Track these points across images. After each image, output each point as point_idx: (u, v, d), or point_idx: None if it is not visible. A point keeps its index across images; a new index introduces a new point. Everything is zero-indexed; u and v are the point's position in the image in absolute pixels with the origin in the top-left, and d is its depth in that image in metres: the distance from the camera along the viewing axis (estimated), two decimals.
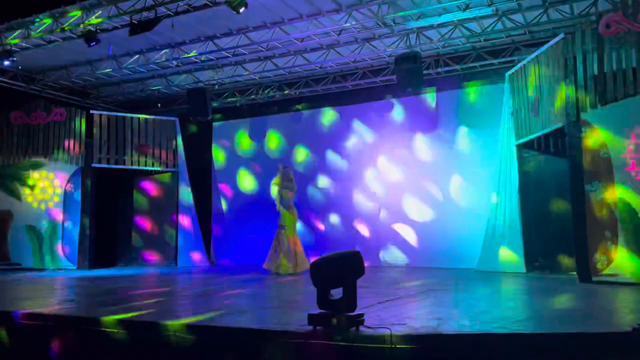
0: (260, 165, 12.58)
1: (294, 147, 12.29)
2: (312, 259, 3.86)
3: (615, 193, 6.65)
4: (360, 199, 11.46)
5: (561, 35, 7.60)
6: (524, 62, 8.73)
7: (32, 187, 11.55)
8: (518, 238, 8.70)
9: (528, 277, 8.09)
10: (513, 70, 9.17)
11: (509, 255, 8.80)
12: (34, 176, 11.55)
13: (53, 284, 8.30)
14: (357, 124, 11.65)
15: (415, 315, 4.53)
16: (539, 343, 3.49)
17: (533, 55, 8.42)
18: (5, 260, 11.36)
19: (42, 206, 11.48)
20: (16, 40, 9.52)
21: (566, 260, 8.15)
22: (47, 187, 11.52)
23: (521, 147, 8.91)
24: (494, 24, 9.12)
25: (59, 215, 11.42)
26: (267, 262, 9.58)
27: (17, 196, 11.57)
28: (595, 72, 6.99)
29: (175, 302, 6.03)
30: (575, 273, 7.28)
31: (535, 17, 8.84)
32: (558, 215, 8.29)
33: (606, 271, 6.66)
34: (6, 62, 9.79)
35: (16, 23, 9.23)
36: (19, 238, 11.46)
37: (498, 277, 8.13)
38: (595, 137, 6.91)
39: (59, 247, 11.33)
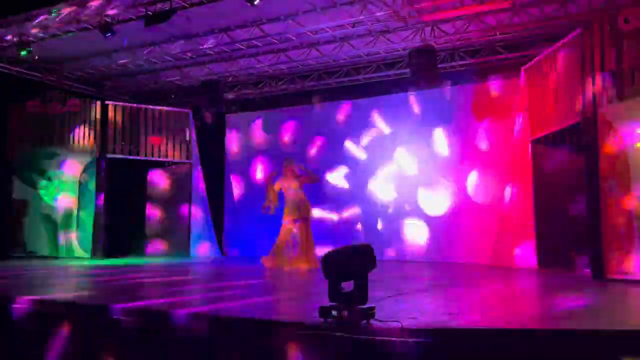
0: (273, 158, 12.60)
1: (306, 140, 12.30)
2: (323, 253, 3.86)
3: (631, 190, 6.57)
4: (373, 193, 11.45)
5: (579, 30, 7.50)
6: (541, 56, 8.63)
7: (47, 177, 11.68)
8: (531, 234, 8.64)
9: (540, 273, 8.04)
10: (529, 64, 9.06)
11: (522, 252, 8.74)
12: (50, 166, 11.67)
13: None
14: (370, 118, 11.62)
15: (427, 310, 4.52)
16: (550, 339, 3.47)
17: (550, 50, 8.32)
18: (21, 248, 11.53)
19: (57, 195, 11.61)
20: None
21: (579, 258, 8.07)
22: (62, 176, 11.65)
23: (536, 143, 8.83)
24: (510, 18, 9.02)
25: (73, 205, 11.55)
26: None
27: (33, 185, 11.71)
28: (613, 67, 6.89)
29: (196, 293, 6.09)
30: (588, 270, 7.21)
31: (552, 10, 8.72)
32: (572, 212, 8.20)
33: (620, 269, 6.60)
34: (23, 52, 9.90)
35: (33, 14, 9.31)
36: (34, 227, 11.61)
37: (510, 273, 8.09)
38: (612, 133, 6.82)
39: (73, 236, 11.46)
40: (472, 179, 10.42)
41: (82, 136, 11.67)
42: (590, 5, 8.41)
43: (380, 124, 11.49)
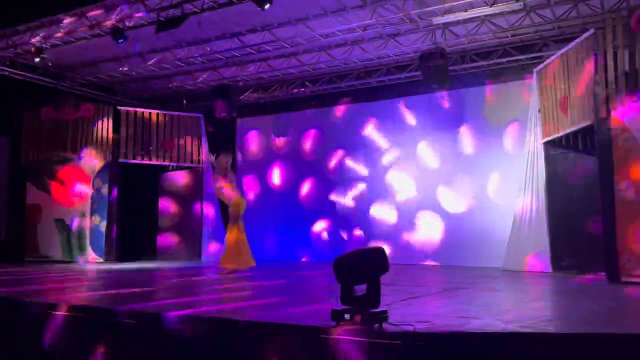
0: (284, 162, 12.64)
1: (316, 144, 12.32)
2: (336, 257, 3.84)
3: None
4: (384, 195, 11.43)
5: (591, 31, 7.43)
6: (553, 58, 8.57)
7: (60, 182, 11.80)
8: (544, 237, 8.56)
9: (554, 277, 7.96)
10: (541, 66, 9.01)
11: (535, 255, 8.66)
12: (63, 171, 11.79)
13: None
14: (380, 121, 11.61)
15: (440, 313, 4.49)
16: (565, 343, 3.43)
17: (562, 51, 8.26)
18: (35, 252, 11.65)
19: (70, 200, 11.72)
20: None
21: (594, 261, 7.98)
22: (75, 181, 11.76)
23: (549, 145, 8.76)
24: (521, 19, 8.98)
25: (86, 209, 11.65)
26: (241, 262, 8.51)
27: (47, 190, 11.83)
28: (627, 68, 6.83)
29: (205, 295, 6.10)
30: (603, 273, 7.13)
31: (564, 12, 8.67)
32: (586, 214, 8.12)
33: (636, 272, 6.51)
34: (37, 59, 10.03)
35: (47, 20, 9.43)
36: (48, 231, 11.72)
37: (524, 276, 8.02)
38: (625, 135, 6.76)
39: (86, 241, 11.56)
40: (484, 181, 10.35)
41: (95, 141, 11.78)
42: (603, 6, 8.35)
43: (391, 128, 11.47)
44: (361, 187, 11.74)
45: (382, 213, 11.40)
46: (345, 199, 11.87)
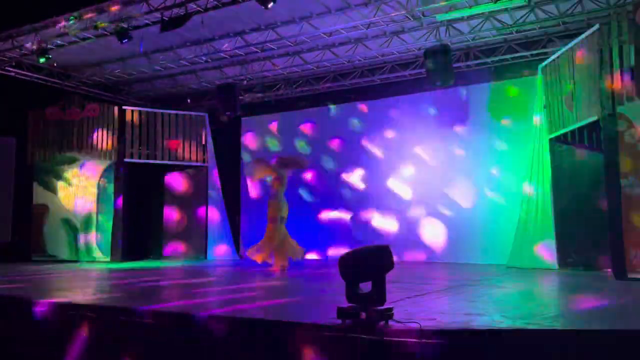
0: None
1: (321, 142, 12.31)
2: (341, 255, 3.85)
3: None
4: (389, 194, 11.41)
5: (596, 26, 7.40)
6: (558, 54, 8.53)
7: (67, 181, 11.85)
8: (551, 234, 8.53)
9: (561, 273, 7.94)
10: (546, 62, 8.97)
11: (541, 251, 8.63)
12: (69, 170, 11.85)
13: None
14: (385, 119, 11.59)
15: (445, 310, 4.49)
16: (571, 340, 3.43)
17: (567, 47, 8.22)
18: (42, 252, 11.71)
19: (77, 200, 11.77)
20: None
21: (600, 257, 7.94)
22: (81, 181, 11.81)
23: (554, 141, 8.72)
24: (526, 15, 8.94)
25: (92, 209, 11.69)
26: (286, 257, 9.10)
27: (53, 190, 11.89)
28: (632, 63, 6.80)
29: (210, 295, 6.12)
30: (609, 269, 7.10)
31: (569, 7, 8.62)
32: (592, 211, 8.07)
33: None
34: (42, 59, 10.06)
35: (51, 21, 9.45)
36: (54, 231, 11.78)
37: (530, 273, 8.00)
38: (631, 130, 6.72)
39: (92, 240, 11.61)
40: (490, 178, 10.32)
41: (101, 141, 11.82)
42: (608, 1, 8.31)
43: (396, 125, 11.45)
44: (365, 184, 11.72)
45: (386, 211, 11.38)
46: (353, 196, 11.86)
